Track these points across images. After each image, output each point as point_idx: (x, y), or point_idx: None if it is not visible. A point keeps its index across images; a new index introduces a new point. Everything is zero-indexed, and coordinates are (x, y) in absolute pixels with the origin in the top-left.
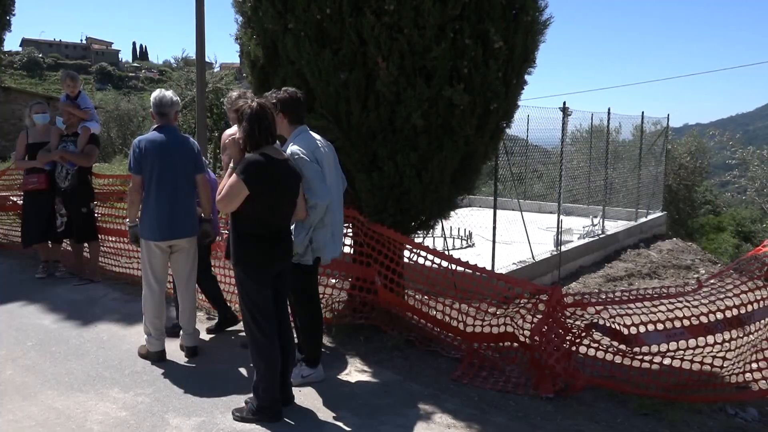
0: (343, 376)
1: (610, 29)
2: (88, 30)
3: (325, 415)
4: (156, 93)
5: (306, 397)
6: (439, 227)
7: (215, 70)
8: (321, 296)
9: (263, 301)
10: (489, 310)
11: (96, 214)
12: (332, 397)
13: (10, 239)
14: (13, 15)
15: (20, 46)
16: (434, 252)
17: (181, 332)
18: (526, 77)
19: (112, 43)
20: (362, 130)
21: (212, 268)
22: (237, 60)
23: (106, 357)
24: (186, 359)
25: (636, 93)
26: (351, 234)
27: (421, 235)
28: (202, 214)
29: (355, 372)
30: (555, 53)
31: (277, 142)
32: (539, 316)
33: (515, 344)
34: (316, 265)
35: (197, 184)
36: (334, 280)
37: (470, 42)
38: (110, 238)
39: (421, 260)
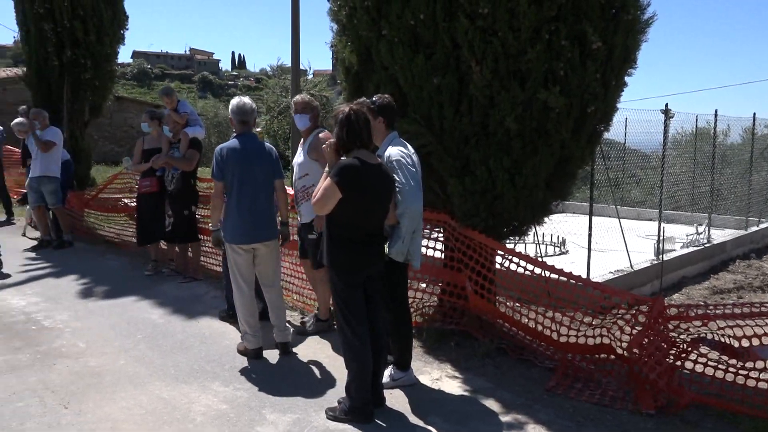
0: (434, 381)
1: (718, 24)
2: (191, 41)
3: (416, 419)
4: (235, 100)
5: (396, 399)
6: (531, 233)
7: (309, 77)
8: (411, 300)
9: (355, 303)
10: (584, 320)
11: (198, 216)
12: (422, 402)
13: (122, 238)
14: (127, 29)
15: (131, 58)
16: (527, 258)
17: (273, 330)
18: (626, 78)
19: (213, 53)
20: (455, 134)
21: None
22: (330, 66)
23: (208, 351)
24: (280, 357)
25: (746, 93)
26: (442, 238)
27: (513, 241)
28: (280, 218)
29: (445, 377)
30: (657, 52)
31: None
32: (639, 328)
33: (612, 356)
34: (406, 270)
35: (276, 189)
36: (424, 285)
37: (566, 43)
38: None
39: (513, 266)
